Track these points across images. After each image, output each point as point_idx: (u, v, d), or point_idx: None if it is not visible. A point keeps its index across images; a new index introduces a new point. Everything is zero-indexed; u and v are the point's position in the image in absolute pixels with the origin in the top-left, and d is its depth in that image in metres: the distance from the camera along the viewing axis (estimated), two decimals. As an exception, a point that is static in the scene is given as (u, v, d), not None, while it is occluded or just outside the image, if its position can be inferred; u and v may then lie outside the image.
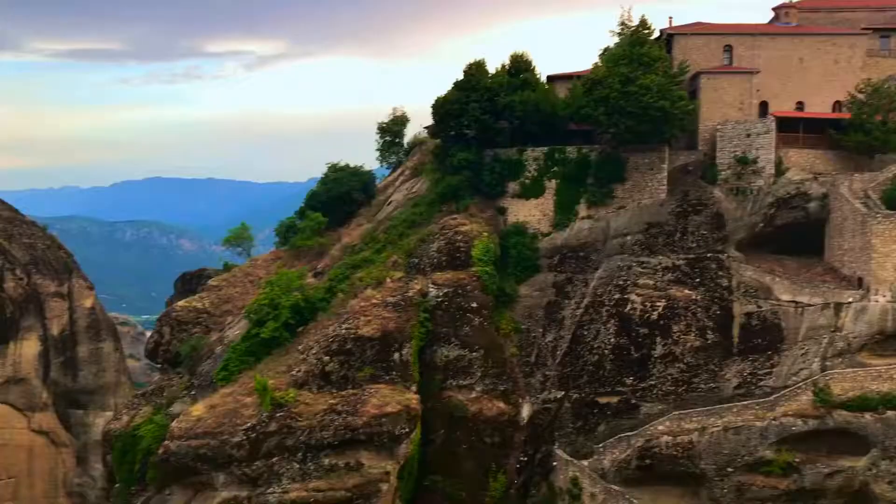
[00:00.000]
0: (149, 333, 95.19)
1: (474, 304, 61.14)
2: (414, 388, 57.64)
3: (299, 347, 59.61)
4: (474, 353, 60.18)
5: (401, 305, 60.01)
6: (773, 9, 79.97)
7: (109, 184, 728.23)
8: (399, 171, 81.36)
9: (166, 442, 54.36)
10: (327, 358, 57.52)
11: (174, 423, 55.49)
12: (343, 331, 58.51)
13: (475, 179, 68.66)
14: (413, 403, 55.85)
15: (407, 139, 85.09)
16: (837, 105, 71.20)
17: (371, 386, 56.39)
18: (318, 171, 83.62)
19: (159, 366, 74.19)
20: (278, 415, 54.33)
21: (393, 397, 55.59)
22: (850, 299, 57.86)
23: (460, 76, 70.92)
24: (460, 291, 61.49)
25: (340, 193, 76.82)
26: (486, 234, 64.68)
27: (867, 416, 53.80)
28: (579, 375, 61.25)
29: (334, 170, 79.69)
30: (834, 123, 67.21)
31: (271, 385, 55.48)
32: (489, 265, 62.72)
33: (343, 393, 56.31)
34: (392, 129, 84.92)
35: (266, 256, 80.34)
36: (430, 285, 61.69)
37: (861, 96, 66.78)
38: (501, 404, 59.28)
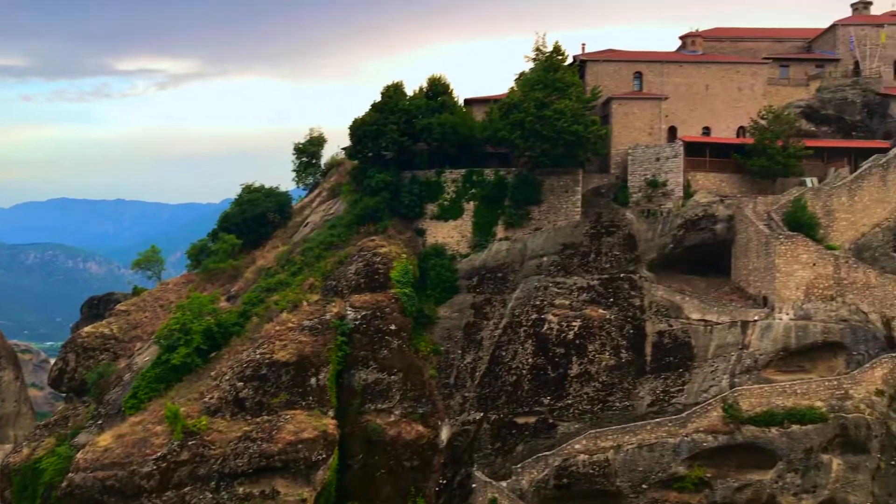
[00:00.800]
0: (52, 361, 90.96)
1: (393, 327, 60.76)
2: (331, 413, 56.70)
3: (212, 373, 57.96)
4: (393, 377, 59.68)
5: (317, 329, 59.14)
6: (681, 37, 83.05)
7: (10, 205, 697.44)
8: (316, 192, 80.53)
9: (70, 474, 51.84)
10: (241, 384, 56.11)
11: (79, 455, 53.02)
12: (258, 356, 57.23)
13: (393, 201, 68.56)
14: (330, 429, 54.91)
15: (324, 160, 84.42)
16: (741, 130, 74.22)
17: (287, 412, 55.21)
18: (233, 191, 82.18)
19: (64, 395, 71.01)
20: (190, 443, 52.56)
21: (309, 423, 54.54)
22: (756, 317, 59.92)
23: (379, 98, 71.10)
24: (379, 314, 61.01)
25: (255, 215, 75.48)
26: (404, 255, 64.51)
27: (773, 430, 55.56)
28: (498, 396, 61.46)
29: (249, 191, 78.30)
30: (738, 148, 69.93)
31: (182, 413, 53.68)
32: (408, 287, 62.51)
33: (258, 419, 54.95)
34: (309, 150, 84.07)
35: (177, 280, 78.19)
36: (348, 308, 61.04)
37: (763, 122, 69.72)
38: (420, 427, 58.87)
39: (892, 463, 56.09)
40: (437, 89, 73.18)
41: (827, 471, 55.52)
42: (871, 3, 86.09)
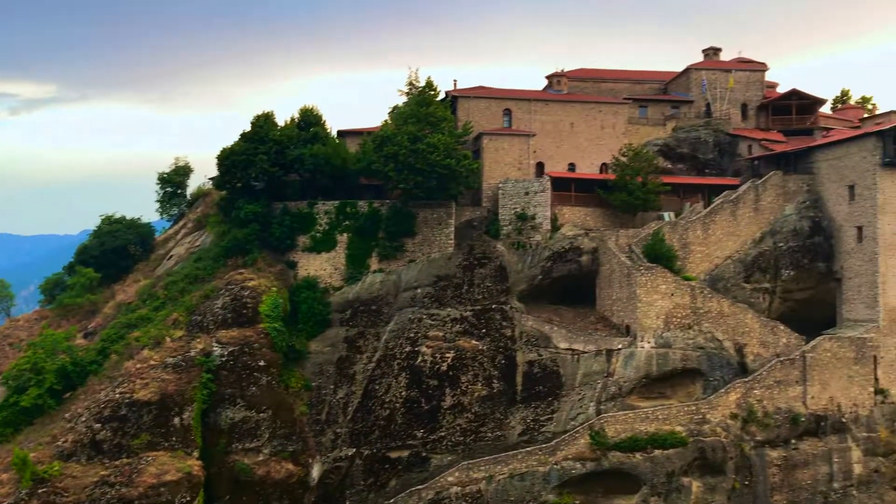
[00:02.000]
0: None
1: (262, 363, 59.05)
2: (196, 453, 54.30)
3: (66, 415, 54.40)
4: (262, 414, 57.93)
5: (181, 366, 56.72)
6: (547, 77, 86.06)
7: None
8: (181, 223, 77.72)
9: None
10: (98, 425, 52.90)
11: None
12: (117, 395, 54.22)
13: (263, 233, 67.04)
14: (195, 470, 52.51)
15: (190, 190, 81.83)
16: (604, 167, 77.39)
17: (148, 454, 52.44)
18: (92, 222, 78.28)
19: None
20: (40, 491, 48.89)
21: (173, 464, 51.99)
22: (620, 346, 62.08)
23: (249, 127, 69.66)
24: (247, 349, 59.17)
25: (115, 247, 72.14)
26: (274, 288, 63.06)
27: (637, 455, 57.40)
28: (371, 431, 60.72)
29: (109, 221, 74.84)
30: (601, 184, 72.81)
31: (32, 458, 49.94)
32: (278, 321, 61.03)
33: (116, 463, 51.88)
34: (174, 180, 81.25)
35: (29, 316, 73.28)
36: (215, 344, 58.89)
37: (624, 159, 72.95)
38: (290, 465, 57.33)
39: (746, 483, 59.11)
40: (310, 120, 72.55)
41: (687, 493, 57.79)
42: (720, 50, 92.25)
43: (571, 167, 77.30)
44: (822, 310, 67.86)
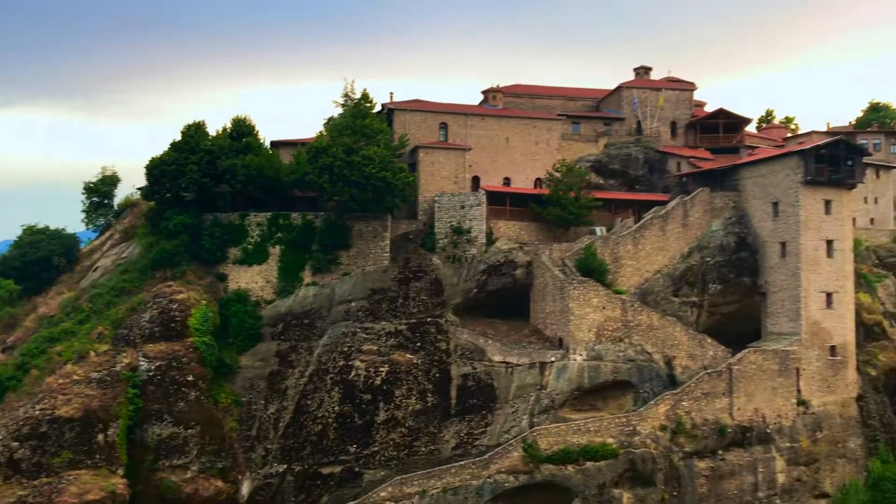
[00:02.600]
0: None
1: (190, 378, 57.64)
2: (121, 471, 52.62)
3: (-19, 434, 52.00)
4: (190, 430, 56.52)
5: (106, 381, 54.94)
6: (483, 92, 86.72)
7: None
8: (107, 234, 75.50)
9: None
10: (17, 444, 50.80)
11: None
12: (37, 412, 52.16)
13: (193, 244, 65.64)
14: (119, 489, 50.90)
15: (117, 200, 79.59)
16: (538, 182, 78.27)
17: (70, 472, 50.58)
18: (12, 233, 75.51)
19: None
20: (-50, 515, 46.67)
21: (96, 483, 50.27)
22: (553, 358, 62.64)
23: (179, 137, 68.26)
24: (175, 364, 57.73)
25: (37, 258, 69.77)
26: (204, 302, 61.72)
27: (569, 467, 57.81)
28: (302, 447, 59.76)
29: (31, 232, 72.32)
30: (535, 198, 73.58)
31: (-58, 480, 47.63)
32: (207, 335, 59.69)
33: (35, 482, 49.90)
34: (101, 190, 78.93)
35: (-58, 330, 69.90)
36: (141, 358, 57.25)
37: (557, 175, 73.92)
38: (219, 483, 56.01)
39: (675, 494, 60.15)
40: (242, 130, 71.49)
41: (618, 504, 58.47)
42: (651, 69, 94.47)
43: (507, 181, 77.92)
44: (748, 323, 69.80)
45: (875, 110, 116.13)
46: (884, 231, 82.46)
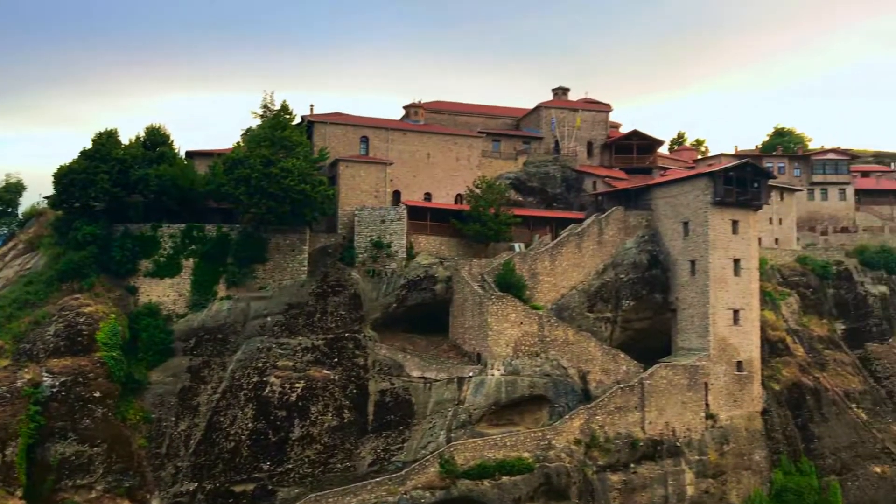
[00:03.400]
0: None
1: (97, 394, 55.66)
2: (19, 492, 50.41)
3: None
4: (96, 448, 54.56)
5: (6, 398, 52.61)
6: (405, 107, 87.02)
7: None
8: (11, 243, 72.25)
9: None
10: None
11: None
12: (-73, 431, 49.36)
13: (102, 256, 63.52)
14: (17, 511, 48.54)
15: (22, 209, 76.35)
16: (459, 197, 78.81)
17: (-38, 495, 47.99)
18: None
19: None
20: None
21: (-9, 506, 47.82)
22: (471, 374, 62.88)
23: (90, 145, 66.06)
24: (81, 380, 55.65)
25: (-67, 268, 65.93)
26: (113, 315, 59.74)
27: (486, 482, 57.81)
28: (214, 464, 58.18)
29: (-74, 241, 68.47)
30: (456, 214, 74.04)
31: None
32: (116, 350, 57.77)
33: (-77, 507, 47.15)
34: (4, 197, 75.63)
35: None
36: (45, 374, 54.95)
37: (478, 191, 74.57)
38: (127, 502, 54.17)
39: (589, 506, 60.93)
40: (157, 139, 69.78)
41: (534, 518, 58.86)
42: (568, 90, 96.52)
43: (427, 197, 78.19)
44: (659, 338, 71.67)
45: (780, 135, 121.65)
46: (787, 251, 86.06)
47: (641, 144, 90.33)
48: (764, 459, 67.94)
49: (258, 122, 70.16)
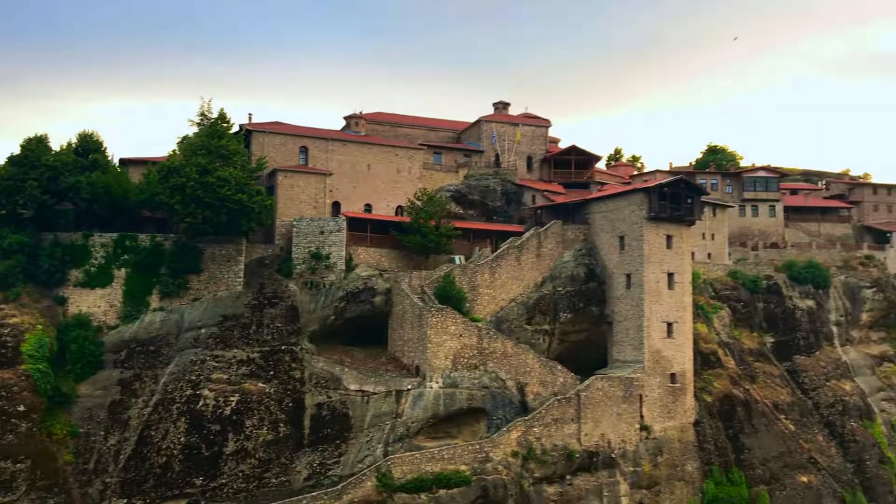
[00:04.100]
0: None
1: (21, 408, 53.88)
2: (-65, 512, 48.16)
3: None
4: (19, 464, 52.88)
5: (-78, 413, 50.26)
6: (345, 118, 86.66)
7: None
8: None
9: None
10: None
11: None
12: None
13: (30, 265, 61.62)
14: (-68, 532, 46.47)
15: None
16: (400, 209, 78.70)
17: None
18: None
19: None
20: None
21: None
22: (409, 386, 62.61)
23: (18, 151, 64.06)
24: (5, 393, 53.91)
25: None
26: (40, 326, 57.89)
27: (423, 496, 57.51)
28: (145, 480, 56.65)
29: None
30: (396, 226, 73.90)
31: None
32: (42, 362, 55.98)
33: None
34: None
35: None
36: (-35, 387, 52.74)
37: (418, 203, 74.61)
38: (50, 521, 52.27)
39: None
40: (89, 146, 68.09)
41: (471, 531, 58.76)
42: (509, 105, 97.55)
43: (368, 208, 77.89)
44: (596, 351, 72.60)
45: (713, 152, 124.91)
46: (719, 265, 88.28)
47: (579, 159, 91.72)
48: (696, 470, 69.22)
49: (195, 130, 69.00)
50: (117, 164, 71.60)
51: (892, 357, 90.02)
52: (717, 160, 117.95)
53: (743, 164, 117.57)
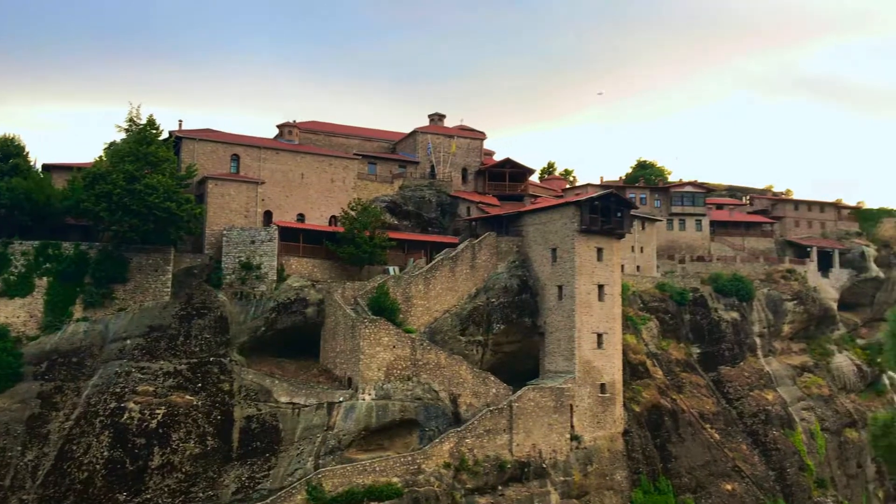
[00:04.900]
0: None
1: (-69, 422, 51.19)
2: None
3: None
4: (-73, 483, 50.01)
5: None
6: (278, 126, 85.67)
7: None
8: None
9: None
10: None
11: None
12: None
13: (-57, 273, 58.92)
14: None
15: None
16: (333, 219, 78.10)
17: None
18: None
19: None
20: None
21: None
22: (341, 398, 61.99)
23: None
24: (-87, 407, 51.07)
25: None
26: (-47, 337, 55.29)
27: (354, 508, 57.17)
28: (64, 496, 54.60)
29: None
30: (330, 236, 73.29)
31: None
32: (-46, 375, 53.49)
33: None
34: None
35: None
36: None
37: (353, 213, 74.17)
38: (-39, 542, 49.93)
39: (457, 530, 61.05)
40: (9, 151, 65.73)
41: (402, 543, 58.38)
42: (444, 116, 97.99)
43: (300, 218, 77.07)
44: (528, 361, 73.23)
45: (642, 167, 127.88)
46: (648, 277, 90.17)
47: (514, 172, 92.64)
48: (625, 479, 70.30)
49: (123, 136, 67.26)
50: (40, 170, 69.29)
51: (811, 367, 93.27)
52: (646, 175, 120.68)
53: (671, 179, 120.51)
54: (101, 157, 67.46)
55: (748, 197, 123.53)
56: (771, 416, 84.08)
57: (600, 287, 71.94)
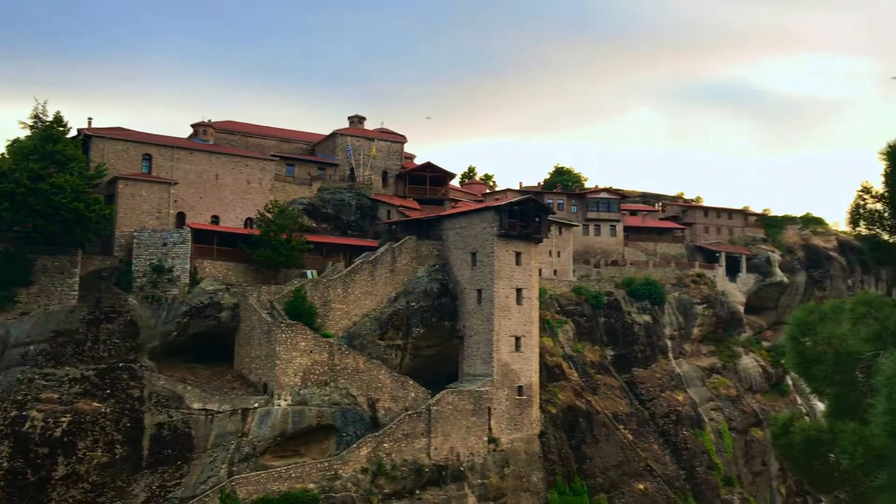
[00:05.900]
0: None
1: None
2: None
3: None
4: None
5: None
6: (193, 126, 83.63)
7: None
8: None
9: None
10: None
11: None
12: None
13: None
14: None
15: None
16: (249, 221, 76.64)
17: None
18: None
19: None
20: None
21: None
22: (256, 404, 60.82)
23: None
24: None
25: None
26: None
27: (269, 516, 56.14)
28: (-41, 511, 51.93)
29: None
30: (245, 238, 71.89)
31: None
32: None
33: None
34: None
35: None
36: None
37: (269, 216, 72.96)
38: None
39: (374, 535, 60.67)
40: None
41: (317, 551, 57.65)
42: (364, 119, 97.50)
43: (215, 219, 75.39)
44: (447, 365, 73.44)
45: (560, 174, 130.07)
46: (565, 281, 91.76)
47: (434, 176, 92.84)
48: (541, 480, 71.23)
49: (27, 133, 64.51)
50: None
51: (719, 369, 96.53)
52: (563, 181, 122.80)
53: (587, 185, 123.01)
54: (2, 154, 64.52)
55: (661, 203, 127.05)
56: (681, 416, 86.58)
57: (518, 291, 72.75)
